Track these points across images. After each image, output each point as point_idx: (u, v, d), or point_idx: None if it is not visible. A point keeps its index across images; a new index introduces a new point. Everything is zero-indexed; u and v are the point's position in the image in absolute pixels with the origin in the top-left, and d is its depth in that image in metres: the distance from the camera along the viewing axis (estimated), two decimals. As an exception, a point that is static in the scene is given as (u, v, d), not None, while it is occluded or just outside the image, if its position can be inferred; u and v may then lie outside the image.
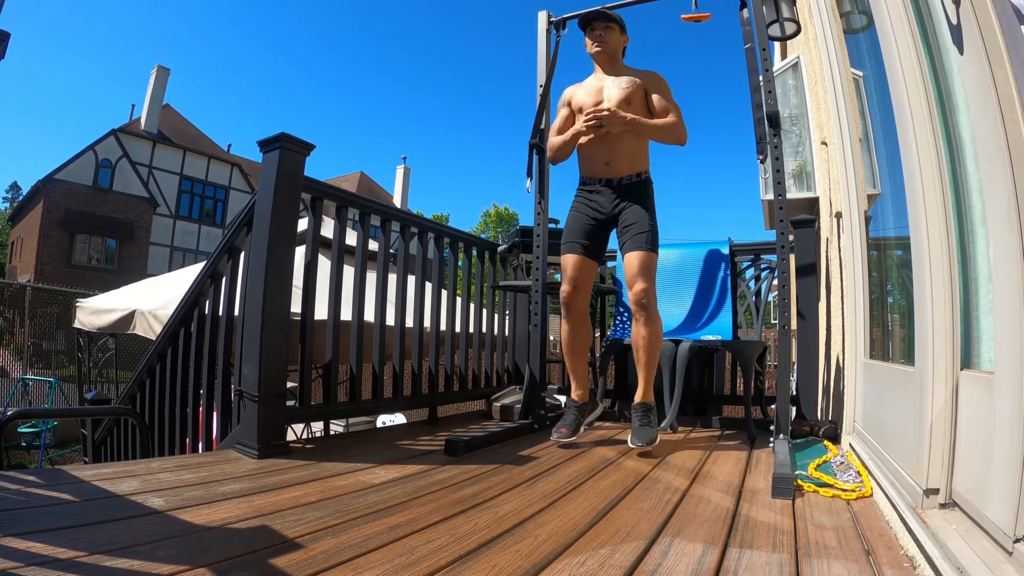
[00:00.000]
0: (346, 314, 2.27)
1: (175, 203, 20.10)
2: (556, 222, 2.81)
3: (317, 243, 2.12)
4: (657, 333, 2.19)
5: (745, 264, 3.01)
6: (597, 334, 3.73)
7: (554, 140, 2.36)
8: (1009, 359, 0.87)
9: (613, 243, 2.39)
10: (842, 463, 1.80)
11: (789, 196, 2.76)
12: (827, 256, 2.90)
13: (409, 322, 2.64)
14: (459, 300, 3.08)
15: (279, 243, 1.89)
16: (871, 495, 1.50)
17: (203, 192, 20.95)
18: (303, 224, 2.52)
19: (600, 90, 2.28)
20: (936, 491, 1.11)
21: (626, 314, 2.80)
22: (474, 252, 3.27)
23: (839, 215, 2.46)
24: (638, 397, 2.21)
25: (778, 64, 3.53)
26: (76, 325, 4.62)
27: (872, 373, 1.89)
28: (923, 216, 1.20)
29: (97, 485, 1.34)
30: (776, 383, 2.05)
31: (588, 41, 2.33)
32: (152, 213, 19.43)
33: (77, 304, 4.66)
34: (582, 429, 2.34)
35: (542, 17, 2.70)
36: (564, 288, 2.30)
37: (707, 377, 3.06)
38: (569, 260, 2.30)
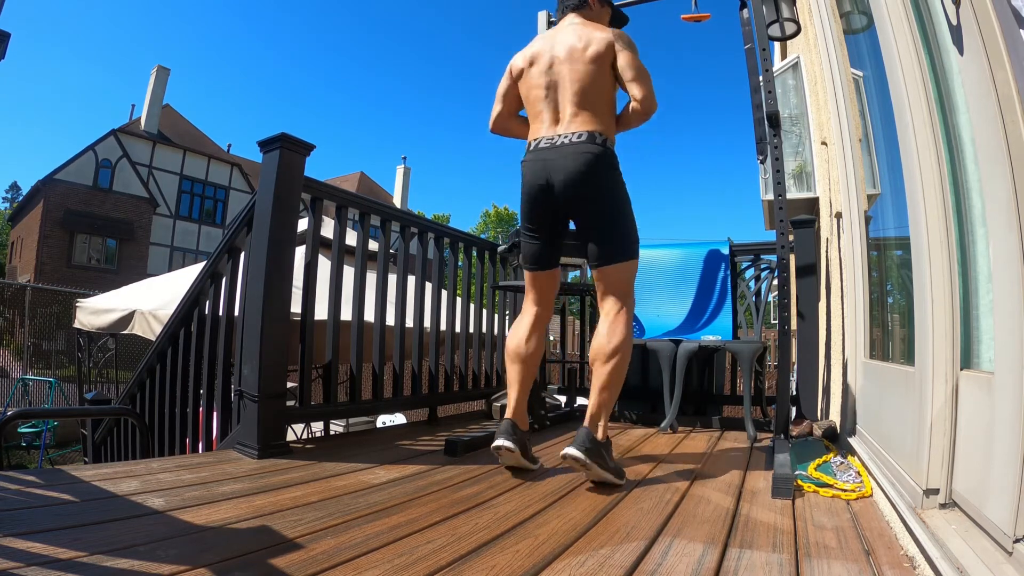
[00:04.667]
0: (346, 314, 2.26)
1: (175, 203, 20.09)
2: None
3: (317, 243, 2.12)
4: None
5: (745, 264, 3.01)
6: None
7: None
8: (1009, 359, 0.87)
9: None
10: (842, 463, 1.80)
11: (789, 196, 2.76)
12: (827, 256, 2.90)
13: (409, 322, 2.64)
14: (459, 300, 3.08)
15: (279, 243, 1.89)
16: (871, 495, 1.50)
17: (203, 192, 20.94)
18: (303, 224, 2.52)
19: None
20: (936, 491, 1.11)
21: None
22: (474, 252, 3.27)
23: (839, 215, 2.47)
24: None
25: (778, 64, 3.53)
26: (76, 325, 4.62)
27: (872, 373, 1.89)
28: (923, 216, 1.20)
29: (97, 485, 1.34)
30: (776, 383, 2.05)
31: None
32: (152, 213, 19.42)
33: (77, 304, 4.66)
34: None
35: (542, 17, 2.70)
36: None
37: (707, 377, 3.06)
38: None
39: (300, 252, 2.23)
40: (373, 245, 2.66)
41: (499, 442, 1.65)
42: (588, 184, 1.66)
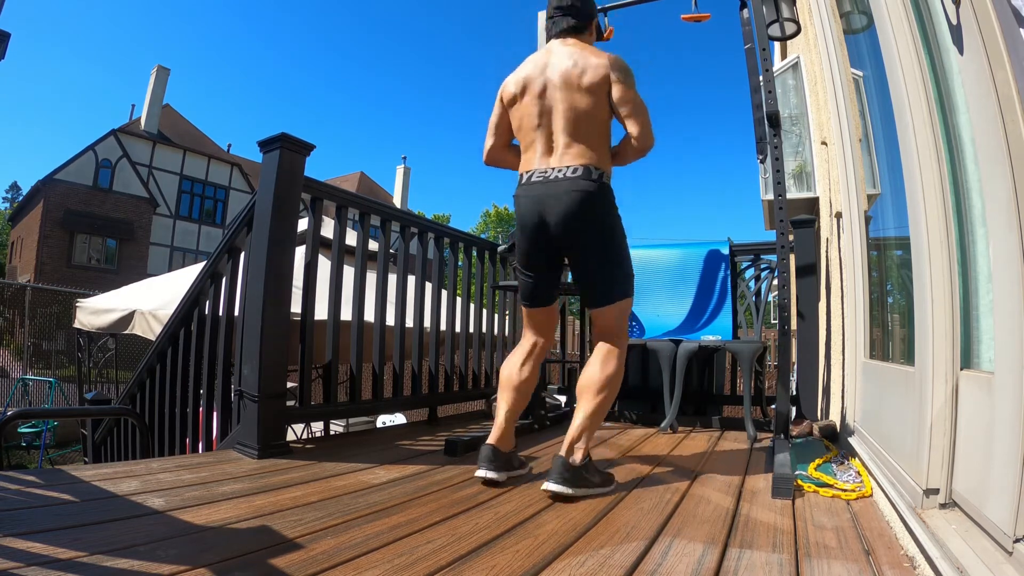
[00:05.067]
0: (346, 314, 2.26)
1: (175, 203, 20.09)
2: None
3: (317, 243, 2.12)
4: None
5: (745, 264, 3.01)
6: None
7: None
8: (1009, 359, 0.87)
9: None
10: (842, 463, 1.80)
11: (789, 196, 2.76)
12: (827, 256, 2.90)
13: (409, 322, 2.64)
14: (459, 300, 3.08)
15: (279, 243, 1.89)
16: (871, 495, 1.50)
17: (203, 192, 20.93)
18: (303, 224, 2.52)
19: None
20: (936, 491, 1.11)
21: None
22: (474, 252, 3.27)
23: (839, 215, 2.47)
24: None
25: (778, 64, 3.53)
26: (76, 325, 4.62)
27: (872, 373, 1.89)
28: (923, 216, 1.20)
29: (97, 485, 1.34)
30: (776, 383, 2.05)
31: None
32: (152, 213, 19.42)
33: (77, 304, 4.66)
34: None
35: (542, 17, 2.70)
36: None
37: (707, 377, 3.06)
38: None
39: (300, 252, 2.23)
40: (373, 245, 2.66)
41: (481, 473, 1.58)
42: (582, 224, 1.59)
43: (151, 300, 4.10)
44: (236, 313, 2.18)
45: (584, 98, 1.62)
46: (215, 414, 2.26)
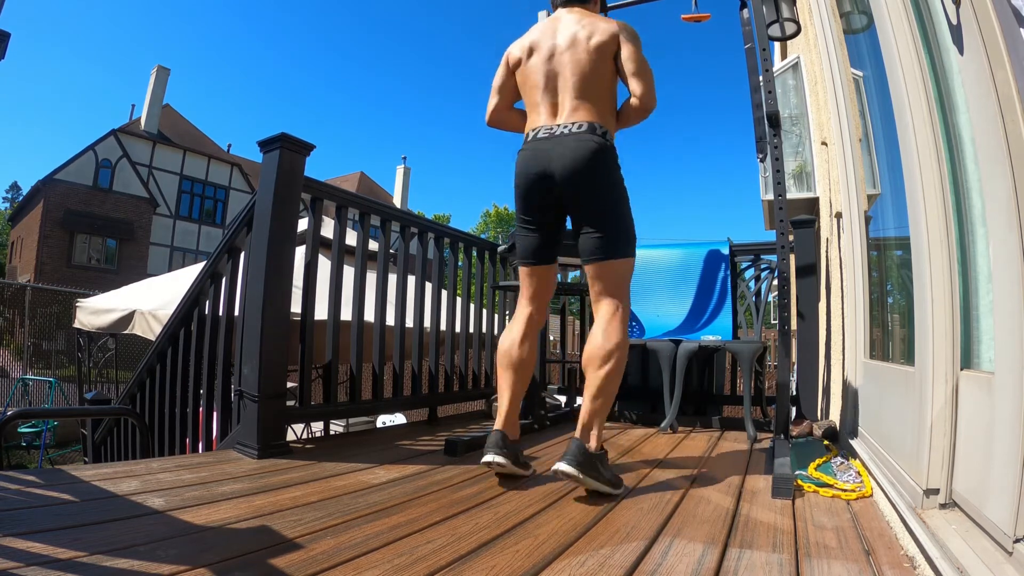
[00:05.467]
0: (346, 314, 2.26)
1: (175, 203, 20.09)
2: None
3: (317, 243, 2.12)
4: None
5: (745, 264, 3.01)
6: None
7: None
8: (1009, 359, 0.87)
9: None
10: (842, 463, 1.80)
11: (789, 196, 2.76)
12: (827, 256, 2.90)
13: (409, 322, 2.64)
14: (459, 300, 3.08)
15: (279, 243, 1.89)
16: (871, 495, 1.50)
17: (203, 192, 20.94)
18: (303, 224, 2.52)
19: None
20: (936, 491, 1.11)
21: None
22: (474, 252, 3.27)
23: (839, 215, 2.47)
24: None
25: (778, 64, 3.53)
26: (76, 325, 4.63)
27: (872, 373, 1.89)
28: (923, 216, 1.20)
29: (97, 485, 1.34)
30: (776, 383, 2.05)
31: None
32: (152, 213, 19.43)
33: (77, 304, 4.66)
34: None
35: (542, 17, 2.70)
36: None
37: (707, 377, 3.06)
38: None
39: (300, 252, 2.23)
40: (373, 245, 2.66)
41: (489, 457, 1.57)
42: (587, 175, 1.58)
43: (151, 300, 4.10)
44: (236, 313, 2.18)
45: (591, 58, 1.65)
46: (215, 414, 2.26)
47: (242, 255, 2.16)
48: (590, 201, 1.62)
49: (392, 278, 2.60)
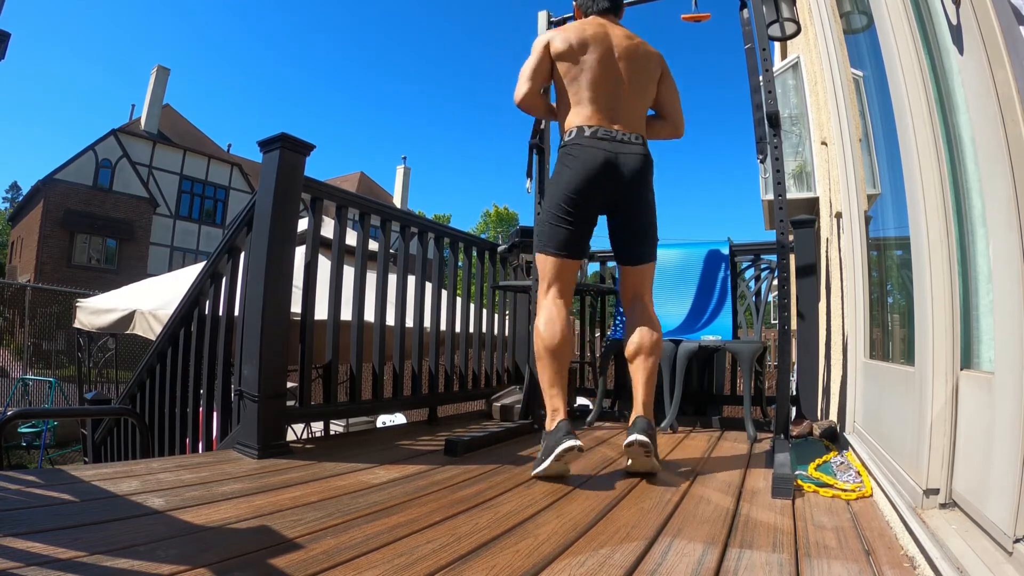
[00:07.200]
0: (346, 314, 2.26)
1: (175, 203, 20.09)
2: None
3: (317, 243, 2.12)
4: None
5: (745, 264, 3.01)
6: (597, 334, 3.74)
7: None
8: (1009, 359, 0.87)
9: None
10: (842, 463, 1.80)
11: (789, 196, 2.76)
12: (827, 256, 2.90)
13: (409, 322, 2.64)
14: (459, 300, 3.08)
15: (279, 243, 1.89)
16: (871, 495, 1.50)
17: (203, 192, 20.94)
18: (303, 224, 2.52)
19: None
20: (936, 491, 1.11)
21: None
22: (474, 252, 3.27)
23: (839, 215, 2.47)
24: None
25: (778, 64, 3.53)
26: (76, 325, 4.63)
27: (872, 373, 1.89)
28: (923, 216, 1.20)
29: (97, 485, 1.34)
30: (776, 383, 2.05)
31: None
32: (152, 213, 19.43)
33: (77, 304, 4.66)
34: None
35: (542, 17, 2.70)
36: None
37: (707, 377, 3.06)
38: None
39: (300, 252, 2.23)
40: (373, 245, 2.66)
41: (570, 443, 1.56)
42: (643, 184, 1.79)
43: (151, 300, 4.10)
44: (236, 313, 2.18)
45: (646, 79, 1.85)
46: (215, 414, 2.26)
47: (242, 255, 2.16)
48: (641, 209, 1.84)
49: (392, 278, 2.60)
